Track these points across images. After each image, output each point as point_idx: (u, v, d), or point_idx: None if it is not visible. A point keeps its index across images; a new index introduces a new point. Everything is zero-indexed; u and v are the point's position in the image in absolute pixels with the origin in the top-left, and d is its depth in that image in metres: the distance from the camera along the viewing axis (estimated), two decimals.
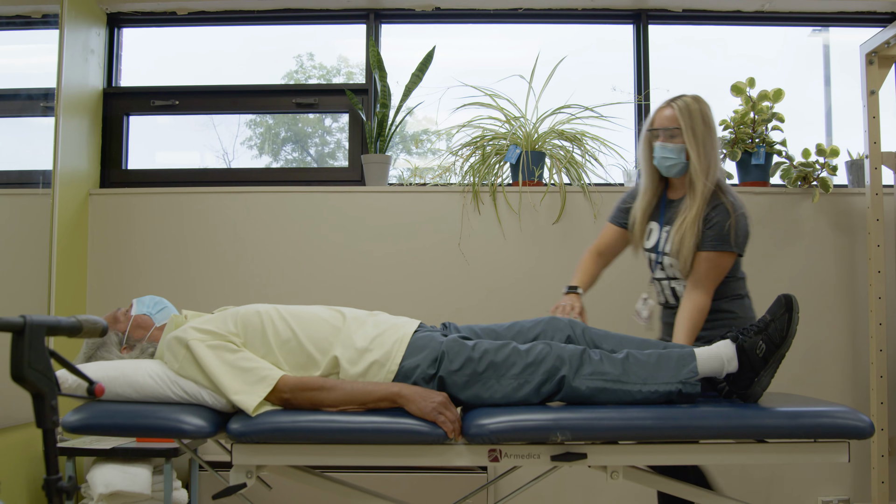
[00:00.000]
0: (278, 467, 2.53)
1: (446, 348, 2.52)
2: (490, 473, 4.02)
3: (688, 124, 2.98)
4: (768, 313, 2.52)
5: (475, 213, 4.35)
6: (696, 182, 2.97)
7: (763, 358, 2.48)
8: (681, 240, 2.97)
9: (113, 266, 4.40)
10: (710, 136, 3.02)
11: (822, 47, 4.98)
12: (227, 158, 4.96)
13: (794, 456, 2.44)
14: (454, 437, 2.37)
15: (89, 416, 2.41)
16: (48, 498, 1.61)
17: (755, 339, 2.50)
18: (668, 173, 3.07)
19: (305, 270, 4.37)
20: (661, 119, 3.05)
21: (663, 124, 3.03)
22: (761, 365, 2.48)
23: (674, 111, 3.02)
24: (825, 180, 4.28)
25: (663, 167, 3.05)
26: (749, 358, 2.50)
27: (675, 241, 3.00)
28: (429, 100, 4.61)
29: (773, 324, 2.49)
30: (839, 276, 4.34)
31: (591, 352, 2.53)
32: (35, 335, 1.60)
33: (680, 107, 3.02)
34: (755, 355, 2.48)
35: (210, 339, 2.49)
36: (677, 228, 3.00)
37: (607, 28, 4.92)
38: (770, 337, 2.48)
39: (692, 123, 2.98)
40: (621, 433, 2.36)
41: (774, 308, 2.52)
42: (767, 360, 2.48)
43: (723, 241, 2.95)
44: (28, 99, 4.03)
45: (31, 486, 3.82)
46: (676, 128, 3.00)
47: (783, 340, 2.46)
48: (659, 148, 3.03)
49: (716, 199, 2.99)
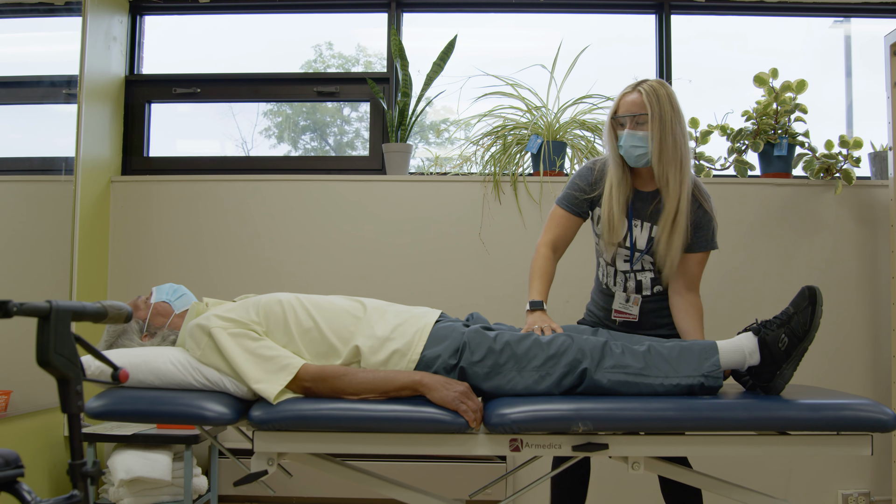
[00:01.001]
0: (299, 455, 2.54)
1: (468, 339, 2.52)
2: (509, 463, 4.02)
3: (656, 110, 2.75)
4: (792, 305, 2.49)
5: (496, 203, 4.34)
6: (670, 174, 2.78)
7: (785, 351, 2.45)
8: (668, 241, 2.82)
9: (134, 252, 4.41)
10: (680, 122, 2.80)
11: (844, 38, 4.93)
12: (246, 147, 4.96)
13: (816, 448, 2.43)
14: (475, 427, 2.37)
15: (112, 402, 2.42)
16: (73, 482, 1.62)
17: (777, 332, 2.47)
18: (636, 163, 2.83)
19: (324, 259, 4.37)
20: (627, 105, 2.82)
21: (630, 110, 2.80)
22: (783, 358, 2.46)
23: (640, 96, 2.78)
24: (848, 172, 4.24)
25: (631, 157, 2.82)
26: (771, 351, 2.47)
27: (662, 243, 2.83)
28: (450, 89, 4.60)
29: (796, 316, 2.45)
30: (861, 269, 4.31)
31: (613, 344, 2.52)
32: (61, 320, 1.60)
33: (647, 91, 2.78)
34: (777, 348, 2.46)
35: (232, 326, 2.49)
36: (662, 227, 2.83)
37: (629, 18, 4.89)
38: (793, 330, 2.44)
39: (660, 109, 2.75)
40: (643, 424, 2.36)
41: (798, 300, 2.48)
42: (790, 354, 2.45)
43: (711, 241, 2.91)
44: (51, 86, 4.04)
45: (52, 471, 3.85)
46: (644, 114, 2.76)
47: (806, 334, 2.43)
48: (627, 136, 2.79)
49: (695, 199, 2.87)
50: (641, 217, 2.91)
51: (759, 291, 4.25)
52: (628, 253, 2.95)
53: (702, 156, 4.41)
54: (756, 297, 4.24)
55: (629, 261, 2.95)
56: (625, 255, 2.96)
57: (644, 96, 2.77)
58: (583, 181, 2.99)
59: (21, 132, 3.94)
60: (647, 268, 2.96)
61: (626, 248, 2.94)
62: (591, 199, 2.98)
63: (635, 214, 2.92)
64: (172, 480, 3.79)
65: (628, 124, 2.80)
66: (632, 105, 2.81)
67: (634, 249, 2.92)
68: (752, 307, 4.20)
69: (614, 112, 2.86)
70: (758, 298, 4.24)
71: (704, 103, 4.58)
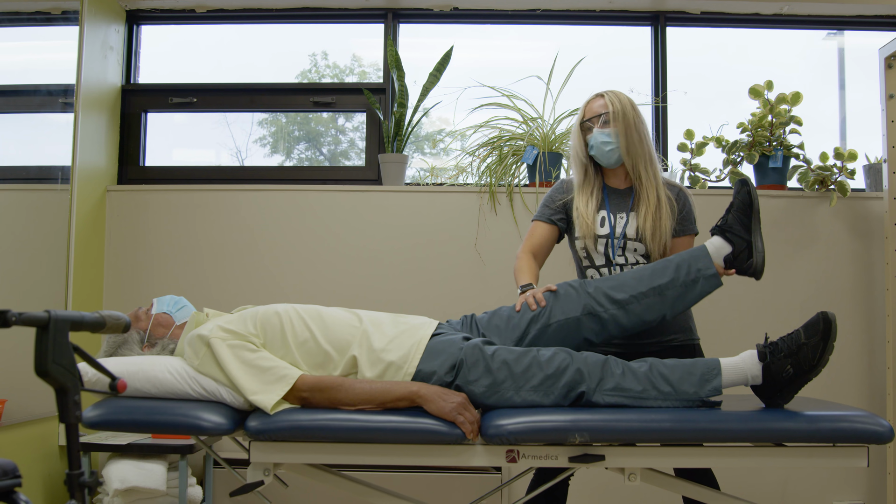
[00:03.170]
0: (296, 465, 2.54)
1: (465, 356, 2.51)
2: (504, 474, 4.02)
3: (618, 108, 2.98)
4: (804, 333, 2.45)
5: (492, 214, 4.35)
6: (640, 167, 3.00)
7: (789, 381, 2.43)
8: (654, 224, 2.95)
9: (129, 262, 4.41)
10: (643, 122, 3.03)
11: (837, 51, 4.95)
12: (241, 156, 4.97)
13: (812, 460, 2.43)
14: (473, 438, 2.37)
15: (108, 412, 2.42)
16: (70, 493, 1.61)
17: (784, 361, 2.43)
18: (608, 160, 3.02)
19: (320, 269, 4.37)
20: (593, 109, 3.05)
21: (596, 112, 3.03)
22: (786, 386, 2.45)
23: (604, 100, 3.03)
24: (843, 184, 4.26)
25: (603, 153, 3.00)
26: (774, 378, 2.46)
27: (648, 226, 2.96)
28: (446, 100, 4.62)
29: (804, 348, 2.41)
30: (856, 281, 4.32)
31: (614, 362, 2.51)
32: (59, 330, 1.59)
33: (608, 95, 3.04)
34: (781, 377, 2.44)
35: (231, 338, 2.50)
36: (645, 213, 2.97)
37: (625, 30, 4.91)
38: (800, 362, 2.42)
39: (622, 108, 2.99)
40: (640, 435, 2.35)
41: (810, 331, 2.43)
42: (793, 383, 2.44)
43: (693, 223, 3.06)
44: (47, 95, 4.04)
45: (46, 480, 3.84)
46: (607, 112, 2.99)
47: (812, 368, 2.41)
48: (596, 135, 3.00)
49: (671, 185, 3.07)
50: (623, 210, 3.04)
51: (754, 302, 4.26)
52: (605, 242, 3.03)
53: (697, 167, 4.43)
54: (752, 308, 4.25)
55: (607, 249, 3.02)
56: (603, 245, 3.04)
57: (606, 99, 3.03)
58: (555, 192, 3.19)
59: (17, 141, 3.94)
60: (640, 261, 3.01)
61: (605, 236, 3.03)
62: (564, 202, 3.12)
63: (614, 209, 3.05)
64: (167, 490, 3.79)
65: (596, 125, 3.03)
66: (596, 108, 3.05)
67: (613, 236, 3.01)
68: (747, 318, 4.21)
69: (582, 118, 3.08)
70: (753, 309, 4.25)
71: (700, 115, 4.60)
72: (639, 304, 2.67)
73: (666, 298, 2.68)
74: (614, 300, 2.68)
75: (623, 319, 2.69)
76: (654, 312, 2.69)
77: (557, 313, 2.70)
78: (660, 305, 2.68)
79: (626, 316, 2.68)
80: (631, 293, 2.68)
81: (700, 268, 2.68)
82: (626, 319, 2.69)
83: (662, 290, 2.67)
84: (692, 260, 2.70)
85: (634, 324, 2.71)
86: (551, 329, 2.69)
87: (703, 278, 2.67)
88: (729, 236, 2.69)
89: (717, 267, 2.70)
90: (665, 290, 2.67)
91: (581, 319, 2.69)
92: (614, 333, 2.73)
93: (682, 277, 2.68)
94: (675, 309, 2.71)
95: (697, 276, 2.67)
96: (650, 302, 2.67)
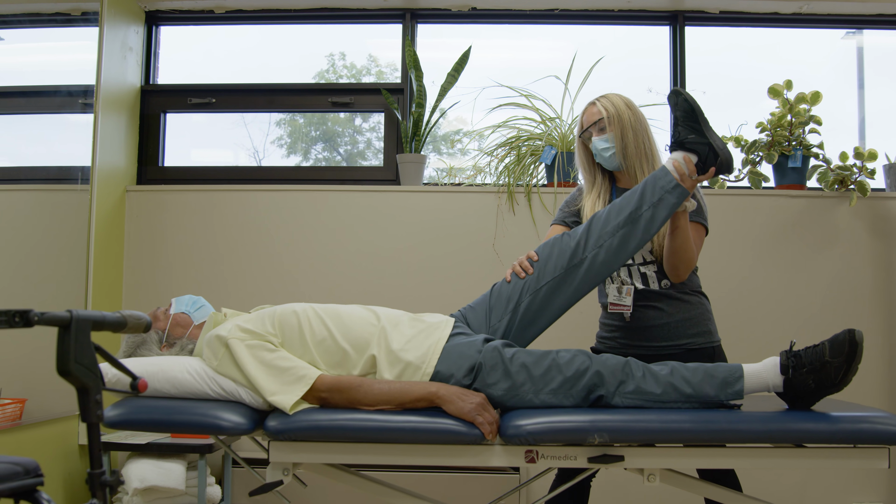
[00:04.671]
0: (315, 465, 2.54)
1: (483, 359, 2.51)
2: (523, 475, 4.01)
3: (612, 112, 2.99)
4: (829, 351, 2.38)
5: (510, 214, 4.34)
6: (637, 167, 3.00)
7: (811, 393, 2.40)
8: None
9: (149, 262, 4.43)
10: (640, 121, 3.04)
11: (856, 49, 4.92)
12: (258, 157, 4.98)
13: (832, 461, 2.42)
14: (492, 439, 2.37)
15: (128, 412, 2.43)
16: (91, 492, 1.62)
17: (806, 377, 2.39)
18: (611, 164, 3.03)
19: (339, 268, 4.38)
20: (588, 118, 3.07)
21: (591, 120, 3.04)
22: (808, 396, 2.42)
23: (597, 106, 3.04)
24: (863, 184, 4.23)
25: (604, 158, 3.03)
26: (795, 391, 2.42)
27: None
28: (464, 100, 4.61)
29: (828, 366, 2.36)
30: (876, 281, 4.30)
31: (634, 365, 2.50)
32: (81, 330, 1.60)
33: (601, 101, 3.05)
34: (802, 390, 2.41)
35: (249, 338, 2.50)
36: None
37: (644, 29, 4.90)
38: (822, 380, 2.37)
39: (616, 111, 3.00)
40: (659, 436, 2.34)
41: (836, 350, 2.37)
42: (815, 396, 2.41)
43: (696, 213, 2.99)
44: (67, 95, 4.07)
45: (66, 479, 3.86)
46: (601, 118, 3.00)
47: (835, 386, 2.37)
48: (595, 142, 3.02)
49: None
50: None
51: (772, 303, 4.24)
52: None
53: None
54: (770, 309, 4.23)
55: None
56: None
57: (599, 105, 3.04)
58: (570, 198, 3.22)
59: (38, 141, 3.96)
60: (648, 259, 2.99)
61: None
62: (580, 206, 3.14)
63: None
64: (186, 489, 3.80)
65: (594, 133, 3.04)
66: (591, 116, 3.06)
67: None
68: (765, 319, 4.19)
69: (581, 130, 3.10)
70: (771, 310, 4.23)
71: (719, 115, 4.56)
72: (614, 238, 2.71)
73: (638, 224, 2.71)
74: (595, 244, 2.74)
75: (602, 255, 2.72)
76: (632, 241, 2.71)
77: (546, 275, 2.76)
78: (634, 232, 2.71)
79: (605, 252, 2.72)
80: (607, 229, 2.72)
81: (663, 185, 2.70)
82: (605, 254, 2.72)
83: (633, 216, 2.70)
84: (654, 181, 2.73)
85: (615, 258, 2.74)
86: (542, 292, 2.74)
87: (667, 192, 2.70)
88: (689, 146, 2.73)
89: (681, 177, 2.70)
90: (635, 215, 2.70)
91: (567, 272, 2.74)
92: (601, 272, 2.75)
93: (647, 199, 2.71)
94: (649, 232, 2.72)
95: (662, 194, 2.70)
96: (625, 232, 2.71)
